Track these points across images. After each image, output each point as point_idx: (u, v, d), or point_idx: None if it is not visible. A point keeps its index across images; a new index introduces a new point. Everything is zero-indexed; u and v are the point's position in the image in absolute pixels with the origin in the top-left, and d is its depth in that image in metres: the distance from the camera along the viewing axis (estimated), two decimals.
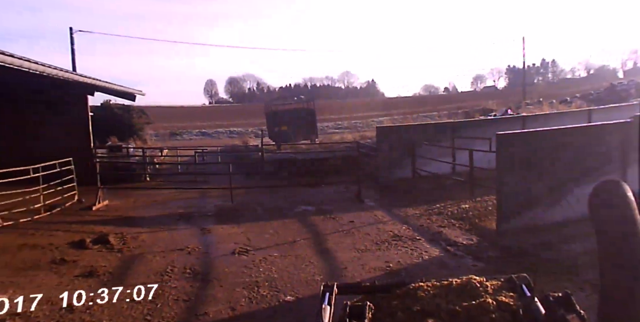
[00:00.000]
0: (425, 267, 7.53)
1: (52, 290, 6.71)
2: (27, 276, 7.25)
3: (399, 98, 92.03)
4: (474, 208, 11.07)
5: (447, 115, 42.37)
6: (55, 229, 10.16)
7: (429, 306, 2.59)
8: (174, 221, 11.35)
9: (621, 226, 1.95)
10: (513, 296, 2.64)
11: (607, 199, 2.02)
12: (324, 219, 11.01)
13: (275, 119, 29.20)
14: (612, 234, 1.98)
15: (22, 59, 9.39)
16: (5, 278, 7.10)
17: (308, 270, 7.52)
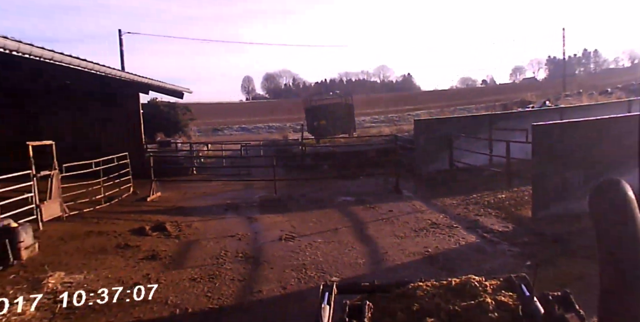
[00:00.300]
0: (462, 252, 7.95)
1: (121, 270, 7.47)
2: (98, 259, 8.03)
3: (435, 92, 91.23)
4: (510, 198, 11.35)
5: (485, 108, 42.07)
6: (116, 218, 11.02)
7: (429, 306, 2.60)
8: (222, 210, 12.08)
9: (621, 225, 1.91)
10: (512, 295, 2.65)
11: (607, 198, 1.98)
12: (364, 209, 11.52)
13: (314, 114, 29.85)
14: (612, 233, 1.96)
15: (92, 62, 10.22)
16: (78, 261, 7.90)
17: (351, 254, 8.05)
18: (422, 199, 12.29)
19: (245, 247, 8.66)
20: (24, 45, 7.42)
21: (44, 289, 6.54)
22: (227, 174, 17.41)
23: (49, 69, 8.72)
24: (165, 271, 7.44)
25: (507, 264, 7.21)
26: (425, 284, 2.83)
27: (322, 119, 28.57)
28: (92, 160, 12.25)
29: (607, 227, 1.98)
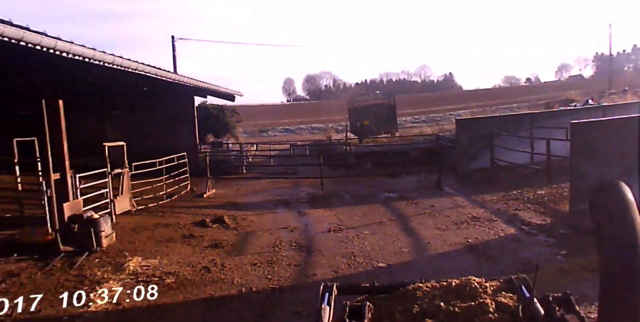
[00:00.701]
0: (500, 242, 8.50)
1: (189, 256, 8.38)
2: (167, 246, 8.98)
3: (477, 91, 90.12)
4: (549, 194, 11.73)
5: (527, 107, 41.66)
6: (179, 212, 12.03)
7: (429, 307, 2.60)
8: (273, 205, 12.94)
9: (621, 225, 1.92)
10: (512, 296, 2.66)
11: (607, 199, 1.99)
12: (407, 204, 12.14)
13: (357, 115, 30.59)
14: (612, 234, 1.96)
15: (165, 71, 11.25)
16: (151, 248, 8.86)
17: (396, 244, 8.72)
18: (463, 195, 12.80)
19: (298, 238, 9.45)
20: (119, 59, 8.43)
21: (126, 271, 7.50)
22: (275, 173, 18.32)
23: (129, 77, 9.73)
24: (228, 257, 8.29)
25: (543, 253, 7.73)
26: (425, 285, 2.84)
27: (365, 120, 29.25)
28: (153, 159, 13.33)
29: (607, 228, 1.95)
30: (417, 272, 7.22)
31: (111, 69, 8.50)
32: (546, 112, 19.33)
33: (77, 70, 8.56)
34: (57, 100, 8.32)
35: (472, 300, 2.61)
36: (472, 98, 64.21)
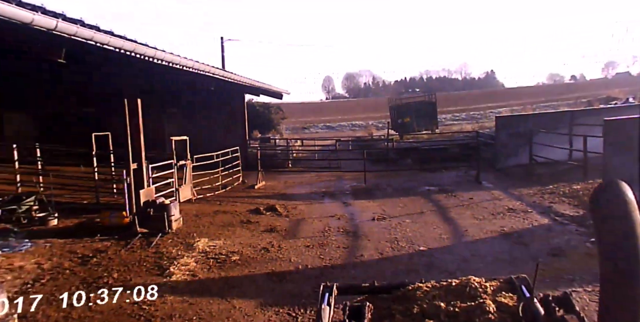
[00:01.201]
0: (533, 230, 9.16)
1: (249, 238, 9.38)
2: (228, 230, 10.02)
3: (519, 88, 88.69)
4: (584, 188, 12.20)
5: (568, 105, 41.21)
6: (234, 201, 13.11)
7: (429, 307, 2.61)
8: (320, 196, 13.88)
9: (622, 226, 1.92)
10: (512, 296, 2.66)
11: (607, 199, 2.00)
12: (446, 197, 12.86)
13: (398, 112, 31.30)
14: (612, 234, 1.96)
15: (228, 72, 12.37)
16: (214, 231, 9.91)
17: (436, 231, 9.50)
18: (501, 189, 13.41)
19: (345, 225, 10.33)
20: (197, 64, 9.53)
21: (196, 250, 8.55)
22: (319, 167, 19.28)
23: (199, 79, 10.75)
24: (284, 240, 9.26)
25: (572, 240, 8.37)
26: (425, 285, 2.85)
27: (406, 117, 29.93)
28: (206, 154, 14.47)
29: (607, 228, 1.96)
30: (455, 255, 8.00)
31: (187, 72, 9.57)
32: (584, 110, 19.61)
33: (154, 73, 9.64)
34: (137, 99, 9.48)
35: (472, 300, 2.62)
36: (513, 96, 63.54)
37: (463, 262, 7.60)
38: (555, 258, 7.55)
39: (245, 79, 15.45)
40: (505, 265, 7.42)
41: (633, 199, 1.97)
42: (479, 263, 7.53)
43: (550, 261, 7.44)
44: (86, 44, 5.63)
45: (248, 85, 16.12)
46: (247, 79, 15.58)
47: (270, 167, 18.23)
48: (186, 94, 18.18)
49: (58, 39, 5.21)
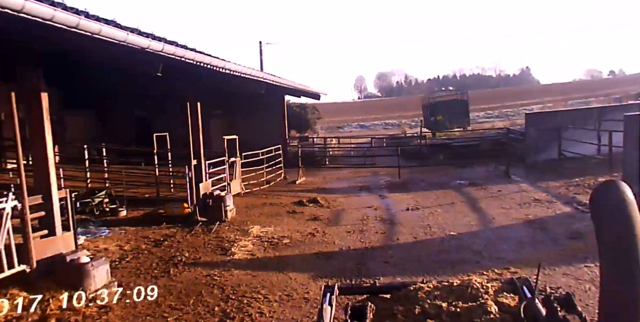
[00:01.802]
0: (556, 218, 10.00)
1: (296, 226, 10.50)
2: (277, 219, 11.16)
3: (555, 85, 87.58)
4: None
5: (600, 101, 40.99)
6: (278, 195, 14.29)
7: (430, 308, 2.61)
8: (357, 190, 14.93)
9: (622, 226, 1.91)
10: (514, 297, 2.67)
11: (607, 199, 2.00)
12: (476, 189, 13.73)
13: (431, 110, 32.13)
14: (611, 234, 1.96)
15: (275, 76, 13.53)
16: (264, 220, 11.07)
17: (465, 219, 10.43)
18: (529, 182, 14.18)
19: (381, 214, 11.35)
20: (254, 71, 10.75)
21: (251, 235, 9.70)
22: (354, 164, 20.34)
23: (251, 84, 11.91)
24: (327, 227, 10.34)
25: (591, 225, 9.12)
26: (426, 285, 2.85)
27: (439, 115, 30.73)
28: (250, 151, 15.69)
29: (607, 228, 1.95)
30: (482, 238, 8.94)
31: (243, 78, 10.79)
32: (612, 106, 20.01)
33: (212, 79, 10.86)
34: (197, 103, 10.74)
35: (473, 301, 2.63)
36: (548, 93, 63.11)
37: (489, 244, 8.53)
38: (572, 241, 8.41)
39: (289, 82, 16.66)
40: (527, 246, 8.33)
41: (633, 199, 1.95)
42: (503, 245, 8.44)
43: (569, 243, 8.31)
44: (179, 60, 6.86)
45: (290, 88, 17.32)
46: (291, 82, 16.79)
47: (309, 165, 19.37)
48: (230, 95, 19.48)
49: (161, 58, 6.47)
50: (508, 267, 7.18)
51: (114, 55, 6.08)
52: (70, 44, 5.85)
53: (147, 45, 5.83)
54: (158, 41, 6.16)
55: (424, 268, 7.40)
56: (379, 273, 7.26)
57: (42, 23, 4.51)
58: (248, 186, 14.94)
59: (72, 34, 4.97)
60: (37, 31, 4.94)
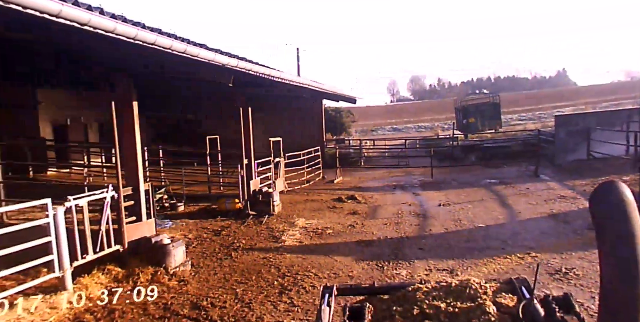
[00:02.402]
0: (578, 212, 10.78)
1: (337, 219, 11.58)
2: (319, 213, 12.26)
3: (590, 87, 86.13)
4: (632, 179, 13.48)
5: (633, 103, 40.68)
6: (318, 192, 15.42)
7: (428, 308, 2.63)
8: (392, 188, 15.93)
9: (621, 227, 1.90)
10: (512, 297, 2.68)
11: (607, 199, 2.00)
12: (505, 187, 14.55)
13: (464, 113, 32.84)
14: (612, 236, 1.95)
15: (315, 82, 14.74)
16: (308, 214, 12.18)
17: (493, 214, 11.32)
18: (556, 181, 14.91)
19: (415, 209, 12.33)
20: (304, 80, 11.97)
21: (297, 226, 10.83)
22: (389, 164, 21.33)
23: (297, 90, 13.08)
24: (365, 219, 11.38)
25: None
26: (425, 286, 2.87)
27: (471, 117, 31.43)
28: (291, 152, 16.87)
29: (607, 228, 1.97)
30: (508, 229, 9.84)
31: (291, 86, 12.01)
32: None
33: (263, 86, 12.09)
34: (248, 108, 11.98)
35: (472, 301, 2.64)
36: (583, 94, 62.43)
37: (514, 234, 9.43)
38: (591, 231, 9.15)
39: (330, 88, 17.84)
40: (548, 236, 9.21)
41: (632, 200, 1.95)
42: (527, 235, 9.33)
43: (587, 233, 9.11)
44: (246, 72, 8.09)
45: (330, 93, 18.47)
46: (331, 88, 17.95)
47: (345, 165, 20.46)
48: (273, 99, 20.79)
49: (235, 71, 7.73)
50: (529, 253, 8.10)
51: (199, 70, 7.33)
52: (168, 64, 7.11)
53: (227, 62, 7.04)
54: (234, 58, 7.37)
55: (453, 253, 8.38)
56: (413, 257, 8.29)
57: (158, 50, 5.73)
58: (290, 185, 16.11)
59: (177, 57, 6.19)
60: (136, 51, 6.16)
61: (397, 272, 7.50)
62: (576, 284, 6.67)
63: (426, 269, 7.59)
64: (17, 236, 5.69)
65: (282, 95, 18.18)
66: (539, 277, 2.66)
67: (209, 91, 14.25)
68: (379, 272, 7.53)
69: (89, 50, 6.28)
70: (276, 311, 6.13)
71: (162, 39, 5.56)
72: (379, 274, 7.47)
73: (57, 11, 4.00)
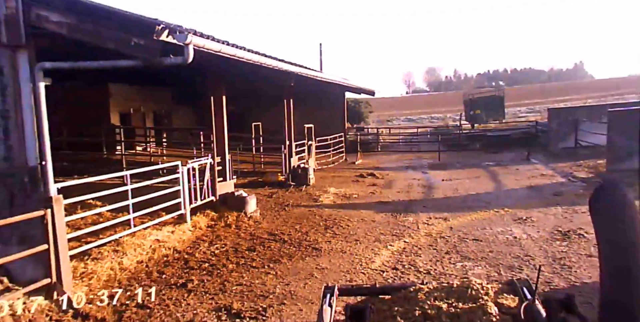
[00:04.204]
0: (551, 184, 13.77)
1: (360, 188, 14.66)
2: (345, 185, 15.35)
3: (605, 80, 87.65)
4: (599, 165, 16.38)
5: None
6: (343, 171, 18.55)
7: (430, 309, 2.65)
8: (404, 168, 19.01)
9: (622, 226, 1.91)
10: (514, 298, 2.71)
11: (607, 199, 1.99)
12: (499, 168, 17.55)
13: (471, 105, 35.76)
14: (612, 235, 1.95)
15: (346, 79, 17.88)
16: (336, 185, 15.26)
17: (485, 186, 14.33)
18: (543, 163, 17.86)
19: (423, 183, 15.38)
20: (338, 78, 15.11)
21: (330, 193, 13.93)
22: (402, 150, 24.40)
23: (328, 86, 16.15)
24: (382, 189, 14.45)
25: (573, 189, 12.95)
26: (426, 286, 2.90)
27: (477, 109, 34.35)
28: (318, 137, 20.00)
29: (607, 228, 1.97)
30: (493, 195, 12.85)
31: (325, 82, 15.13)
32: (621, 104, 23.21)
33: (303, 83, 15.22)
34: (290, 100, 15.14)
35: (473, 302, 2.67)
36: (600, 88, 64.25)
37: (496, 198, 12.43)
38: (554, 196, 12.21)
39: (354, 83, 20.92)
40: (521, 200, 12.17)
41: (632, 200, 1.96)
42: (506, 199, 12.31)
43: (551, 197, 12.11)
44: (304, 76, 11.23)
45: (353, 87, 21.56)
46: (355, 83, 21.03)
47: (364, 150, 23.55)
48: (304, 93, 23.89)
49: (296, 76, 10.89)
50: (503, 208, 11.08)
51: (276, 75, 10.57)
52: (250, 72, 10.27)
53: (295, 70, 10.21)
54: (295, 66, 10.53)
55: (449, 209, 11.41)
56: (418, 211, 11.34)
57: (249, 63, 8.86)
58: (318, 165, 19.24)
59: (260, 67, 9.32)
60: (231, 64, 9.27)
61: (406, 218, 10.57)
62: (530, 226, 9.60)
63: (427, 218, 10.62)
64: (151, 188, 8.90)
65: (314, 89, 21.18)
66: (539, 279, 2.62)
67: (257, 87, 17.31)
68: (393, 219, 10.61)
69: (208, 63, 9.31)
70: (324, 237, 9.24)
71: (266, 59, 8.73)
72: (393, 220, 10.54)
73: (218, 48, 7.04)
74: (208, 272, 7.27)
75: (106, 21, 5.18)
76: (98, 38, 5.17)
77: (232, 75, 10.20)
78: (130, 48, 5.14)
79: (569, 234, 8.68)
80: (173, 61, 5.44)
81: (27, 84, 5.47)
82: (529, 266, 7.17)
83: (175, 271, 7.31)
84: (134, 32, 5.14)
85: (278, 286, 6.64)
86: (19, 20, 5.27)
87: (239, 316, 5.73)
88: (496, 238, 8.71)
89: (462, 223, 9.91)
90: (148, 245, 7.94)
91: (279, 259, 7.89)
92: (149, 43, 5.11)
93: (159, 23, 5.15)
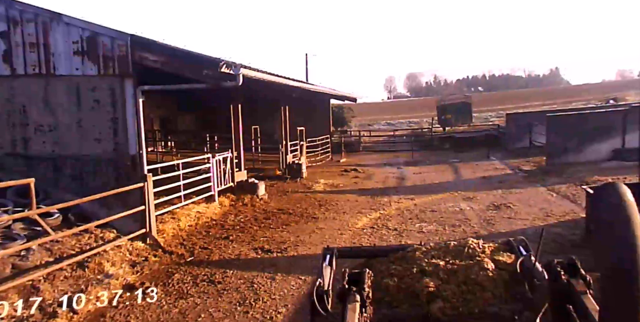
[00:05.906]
0: (499, 175, 17.01)
1: (345, 180, 17.74)
2: (333, 177, 18.36)
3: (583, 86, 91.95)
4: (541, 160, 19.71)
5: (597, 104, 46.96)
6: (330, 167, 21.64)
7: (427, 266, 2.72)
8: (382, 165, 22.20)
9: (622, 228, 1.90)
10: (510, 256, 2.77)
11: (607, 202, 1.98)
12: (462, 164, 20.83)
13: (443, 110, 39.28)
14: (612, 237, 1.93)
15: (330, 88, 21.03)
16: (325, 178, 18.21)
17: (447, 177, 17.53)
18: (499, 160, 21.19)
19: (397, 175, 18.53)
20: (328, 89, 18.19)
21: (320, 183, 16.95)
22: (381, 150, 27.61)
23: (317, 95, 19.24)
24: (363, 181, 17.53)
25: (515, 177, 16.21)
26: (424, 246, 2.99)
27: (448, 114, 37.86)
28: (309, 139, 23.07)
29: (607, 230, 1.97)
30: (452, 183, 16.01)
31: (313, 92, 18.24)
32: (564, 109, 26.83)
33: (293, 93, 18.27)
34: (286, 107, 18.20)
35: (470, 259, 2.74)
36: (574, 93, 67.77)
37: (454, 185, 15.57)
38: (499, 183, 15.43)
39: (339, 92, 24.09)
40: (473, 185, 15.32)
41: (633, 201, 1.97)
42: (461, 186, 15.46)
43: (496, 183, 15.29)
44: (304, 90, 14.25)
45: (339, 95, 24.75)
46: (341, 91, 24.20)
47: (347, 150, 26.68)
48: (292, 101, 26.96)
49: (296, 89, 13.88)
50: (457, 191, 14.22)
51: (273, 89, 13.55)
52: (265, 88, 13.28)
53: (299, 86, 13.24)
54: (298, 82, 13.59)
55: (415, 192, 14.52)
56: (392, 194, 14.39)
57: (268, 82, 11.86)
58: (308, 163, 22.29)
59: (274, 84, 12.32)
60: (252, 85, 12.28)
61: (382, 199, 13.62)
62: (474, 202, 12.69)
63: (398, 198, 13.65)
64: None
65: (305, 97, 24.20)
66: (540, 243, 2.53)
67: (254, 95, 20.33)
68: (372, 199, 13.68)
69: None
70: (320, 211, 12.25)
71: (281, 80, 11.76)
72: (371, 200, 13.60)
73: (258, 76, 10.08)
74: (240, 230, 10.28)
75: (187, 58, 8.13)
76: (181, 70, 8.11)
77: (250, 90, 13.01)
78: (202, 76, 8.10)
79: (500, 206, 11.81)
80: (229, 84, 8.40)
81: (130, 100, 8.43)
82: (467, 224, 10.28)
83: (217, 230, 10.30)
84: (205, 66, 8.08)
85: (291, 237, 9.67)
86: (128, 59, 8.23)
87: (269, 252, 8.75)
88: (447, 210, 11.82)
89: (424, 201, 13.02)
90: (193, 215, 10.90)
91: (288, 223, 10.92)
92: (215, 73, 8.06)
93: (221, 60, 8.11)
